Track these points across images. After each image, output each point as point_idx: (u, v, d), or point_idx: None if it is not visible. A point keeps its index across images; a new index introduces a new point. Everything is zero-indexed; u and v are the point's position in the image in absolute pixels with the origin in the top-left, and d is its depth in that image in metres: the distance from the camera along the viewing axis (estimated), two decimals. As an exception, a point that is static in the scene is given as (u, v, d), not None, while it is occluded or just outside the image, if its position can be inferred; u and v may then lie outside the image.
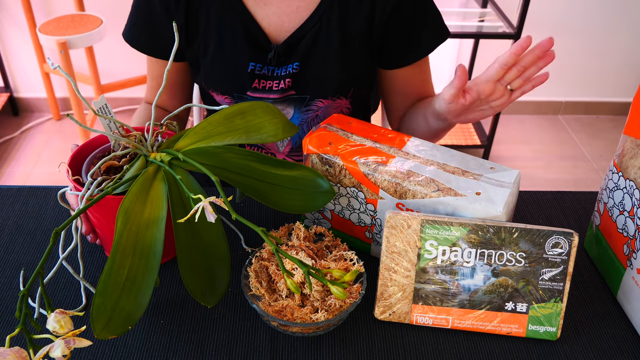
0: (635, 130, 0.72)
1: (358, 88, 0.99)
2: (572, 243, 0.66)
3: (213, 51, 0.94)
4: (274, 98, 0.96)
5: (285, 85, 0.94)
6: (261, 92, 0.96)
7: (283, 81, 0.94)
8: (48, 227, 0.86)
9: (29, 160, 2.43)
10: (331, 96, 0.97)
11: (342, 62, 0.94)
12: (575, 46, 2.66)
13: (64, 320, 0.53)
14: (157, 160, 0.70)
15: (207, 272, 0.67)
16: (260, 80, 0.95)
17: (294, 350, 0.69)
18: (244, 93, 0.96)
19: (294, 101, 0.97)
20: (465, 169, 0.73)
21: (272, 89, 0.95)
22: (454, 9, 2.47)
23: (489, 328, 0.70)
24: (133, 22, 0.96)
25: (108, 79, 2.58)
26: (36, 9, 2.44)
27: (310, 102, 0.97)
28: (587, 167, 2.53)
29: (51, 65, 0.64)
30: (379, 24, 0.92)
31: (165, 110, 1.07)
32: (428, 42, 0.97)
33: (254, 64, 0.93)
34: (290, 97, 0.96)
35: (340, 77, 0.95)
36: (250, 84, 0.95)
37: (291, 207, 0.71)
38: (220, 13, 0.91)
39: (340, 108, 1.00)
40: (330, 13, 0.91)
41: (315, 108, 0.98)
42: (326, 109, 0.98)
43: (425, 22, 0.95)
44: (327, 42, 0.92)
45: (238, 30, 0.92)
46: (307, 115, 0.99)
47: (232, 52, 0.93)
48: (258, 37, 0.92)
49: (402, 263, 0.68)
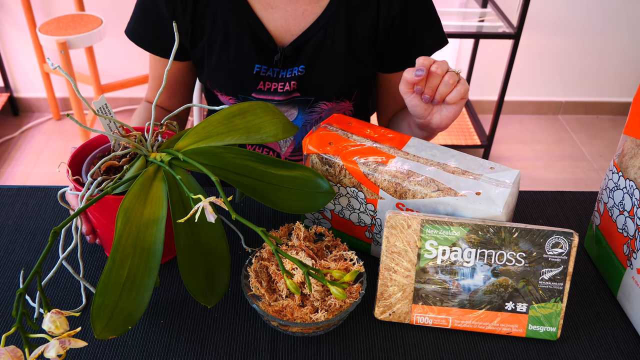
0: (635, 130, 0.72)
1: (361, 91, 1.01)
2: (572, 243, 0.66)
3: (218, 52, 0.94)
4: (279, 100, 0.97)
5: (290, 88, 0.95)
6: (266, 94, 0.96)
7: (288, 83, 0.95)
8: (48, 227, 0.85)
9: (29, 160, 2.43)
10: (335, 99, 0.98)
11: (347, 66, 0.95)
12: (575, 46, 2.66)
13: (60, 320, 0.53)
14: (157, 160, 0.70)
15: (207, 272, 0.67)
16: (265, 82, 0.95)
17: (294, 350, 0.69)
18: (249, 94, 0.97)
19: (298, 103, 0.98)
20: (465, 169, 0.73)
21: (277, 91, 0.96)
22: (454, 9, 2.47)
23: (489, 328, 0.70)
24: (137, 20, 0.97)
25: (108, 79, 2.58)
26: (36, 9, 2.44)
27: (315, 105, 0.98)
28: (587, 167, 2.53)
29: (51, 65, 0.64)
30: (383, 30, 0.94)
31: (166, 109, 1.07)
32: (428, 48, 0.98)
33: (260, 66, 0.94)
34: (295, 99, 0.97)
35: (345, 80, 0.96)
36: (255, 86, 0.95)
37: (291, 207, 0.71)
38: (227, 15, 0.92)
39: (344, 110, 1.02)
40: (336, 18, 0.92)
41: (319, 110, 0.99)
42: (330, 111, 1.00)
43: (426, 29, 0.97)
44: (333, 46, 0.93)
45: (244, 32, 0.92)
46: (310, 117, 1.00)
47: (238, 54, 0.94)
48: (264, 39, 0.93)
49: (402, 263, 0.68)
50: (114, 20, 2.42)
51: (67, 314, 0.55)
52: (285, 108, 0.98)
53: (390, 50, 0.97)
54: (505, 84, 2.27)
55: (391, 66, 0.99)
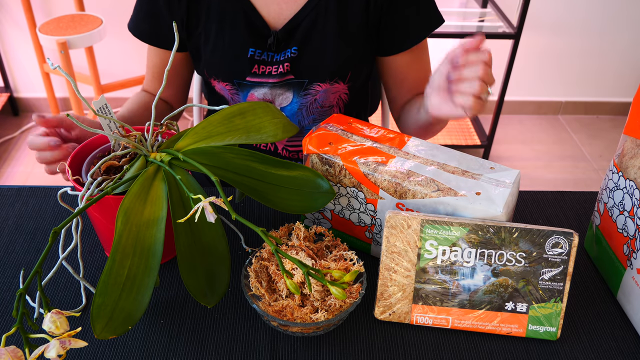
0: (635, 130, 0.72)
1: (355, 72, 1.02)
2: (572, 243, 0.66)
3: (214, 39, 0.97)
4: (273, 82, 0.98)
5: (284, 70, 0.97)
6: (260, 77, 0.98)
7: (282, 66, 0.97)
8: (48, 227, 0.86)
9: (29, 160, 2.43)
10: (329, 80, 0.99)
11: (340, 46, 0.96)
12: (575, 46, 2.66)
13: (60, 320, 0.53)
14: (157, 160, 0.70)
15: (207, 272, 0.67)
16: (259, 66, 0.97)
17: (294, 350, 0.69)
18: (244, 79, 0.99)
19: (292, 85, 1.00)
20: (465, 169, 0.73)
21: (272, 74, 0.98)
22: (454, 9, 2.47)
23: (489, 328, 0.70)
24: (137, 14, 1.00)
25: (108, 79, 2.58)
26: (36, 9, 2.44)
27: (309, 87, 1.00)
28: (587, 167, 2.53)
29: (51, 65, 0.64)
30: (374, 9, 0.95)
31: (162, 100, 1.09)
32: (421, 28, 0.99)
33: (254, 50, 0.96)
34: (289, 81, 0.99)
35: (337, 60, 0.97)
36: (249, 70, 0.97)
37: (291, 207, 0.71)
38: (222, 2, 0.95)
39: (339, 93, 1.03)
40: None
41: (314, 92, 1.00)
42: (325, 93, 1.01)
43: (418, 8, 0.98)
44: (325, 26, 0.95)
45: (238, 17, 0.95)
46: (306, 100, 1.01)
47: (233, 39, 0.96)
48: (257, 24, 0.95)
49: (402, 263, 0.68)
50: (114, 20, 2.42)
51: (67, 314, 0.55)
52: (280, 91, 1.00)
53: (384, 32, 0.98)
54: (505, 84, 2.27)
55: (388, 48, 1.00)
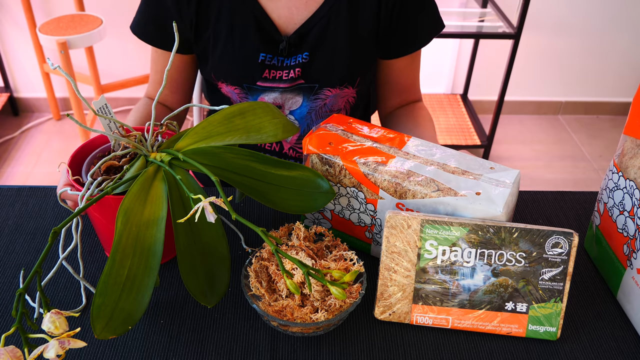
0: (635, 130, 0.72)
1: (364, 77, 1.02)
2: (572, 243, 0.66)
3: (224, 43, 0.96)
4: (284, 87, 0.98)
5: (295, 75, 0.97)
6: (271, 82, 0.98)
7: (293, 71, 0.97)
8: (48, 227, 0.85)
9: (29, 160, 2.43)
10: (339, 85, 0.99)
11: (351, 52, 0.96)
12: (575, 46, 2.66)
13: (59, 320, 0.53)
14: (157, 160, 0.70)
15: (207, 272, 0.67)
16: (270, 71, 0.97)
17: (294, 350, 0.69)
18: (254, 83, 0.98)
19: (302, 90, 1.00)
20: (465, 169, 0.73)
21: (282, 79, 0.98)
22: (454, 9, 2.47)
23: (489, 328, 0.70)
24: (142, 15, 0.99)
25: (108, 79, 2.58)
26: (36, 9, 2.44)
27: (319, 91, 1.00)
28: (587, 167, 2.53)
29: (51, 65, 0.64)
30: (385, 15, 0.95)
31: (166, 106, 1.08)
32: (427, 33, 1.00)
33: (264, 55, 0.96)
34: (300, 85, 0.99)
35: (348, 66, 0.98)
36: (260, 74, 0.97)
37: (291, 207, 0.71)
38: (232, 6, 0.94)
39: (347, 97, 1.03)
40: (338, 4, 0.94)
41: (324, 97, 1.00)
42: (334, 98, 1.01)
43: (425, 14, 0.99)
44: (336, 32, 0.95)
45: (249, 23, 0.94)
46: (315, 104, 1.01)
47: (243, 44, 0.95)
48: (268, 29, 0.95)
49: (402, 263, 0.68)
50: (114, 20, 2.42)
51: (66, 314, 0.55)
52: (291, 95, 1.00)
53: (392, 36, 0.98)
54: (505, 84, 2.27)
55: (393, 52, 1.01)
